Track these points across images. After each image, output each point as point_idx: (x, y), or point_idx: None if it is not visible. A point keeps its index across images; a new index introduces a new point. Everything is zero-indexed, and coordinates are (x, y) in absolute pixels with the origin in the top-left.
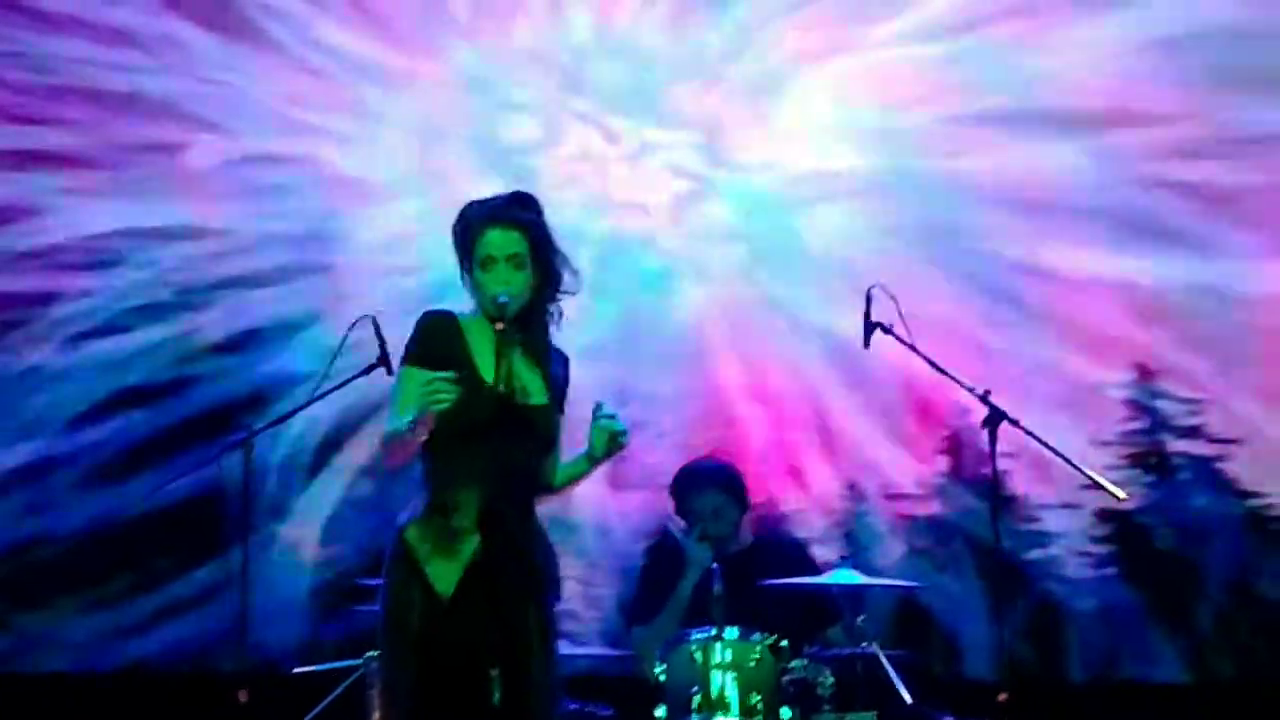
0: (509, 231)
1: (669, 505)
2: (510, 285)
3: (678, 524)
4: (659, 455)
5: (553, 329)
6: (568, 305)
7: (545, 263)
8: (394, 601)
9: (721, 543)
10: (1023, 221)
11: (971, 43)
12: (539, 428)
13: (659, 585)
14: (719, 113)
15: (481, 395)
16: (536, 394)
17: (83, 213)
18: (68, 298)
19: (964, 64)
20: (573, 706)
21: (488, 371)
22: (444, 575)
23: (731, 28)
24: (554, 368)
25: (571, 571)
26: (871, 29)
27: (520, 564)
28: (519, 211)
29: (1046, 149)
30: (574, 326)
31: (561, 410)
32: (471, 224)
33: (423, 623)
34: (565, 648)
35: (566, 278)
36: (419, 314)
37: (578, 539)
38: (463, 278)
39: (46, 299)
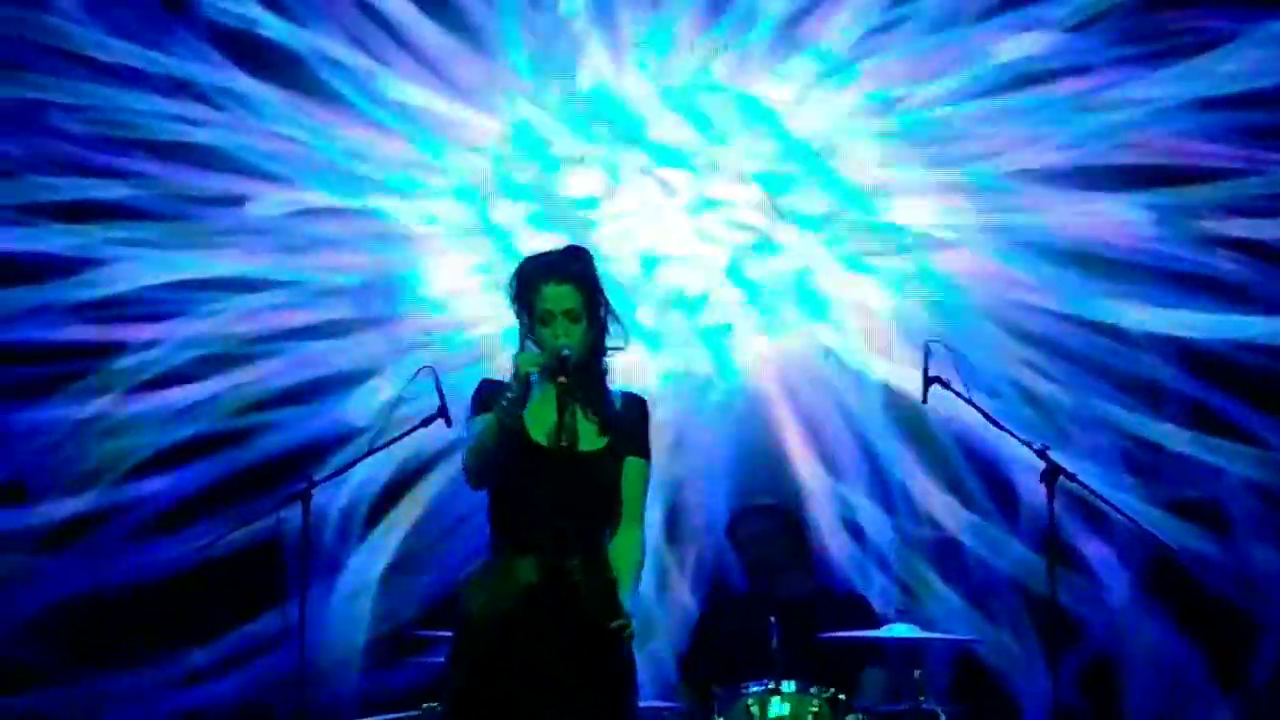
0: (563, 286)
1: (726, 555)
2: (569, 338)
3: None
4: (715, 507)
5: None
6: (626, 356)
7: (599, 313)
8: (451, 656)
9: (771, 570)
10: (1080, 276)
11: (1029, 99)
12: (593, 474)
13: (715, 639)
14: (778, 167)
15: (531, 454)
16: (588, 440)
17: (143, 264)
18: (128, 348)
19: (1021, 120)
20: None
21: (537, 431)
22: (489, 628)
23: (789, 83)
24: (619, 410)
25: None
26: (929, 85)
27: (581, 613)
28: (572, 265)
29: (1104, 204)
30: (632, 377)
31: (637, 453)
32: (527, 280)
33: (471, 674)
34: None
35: (613, 331)
36: (479, 365)
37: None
38: (521, 335)
39: (107, 349)
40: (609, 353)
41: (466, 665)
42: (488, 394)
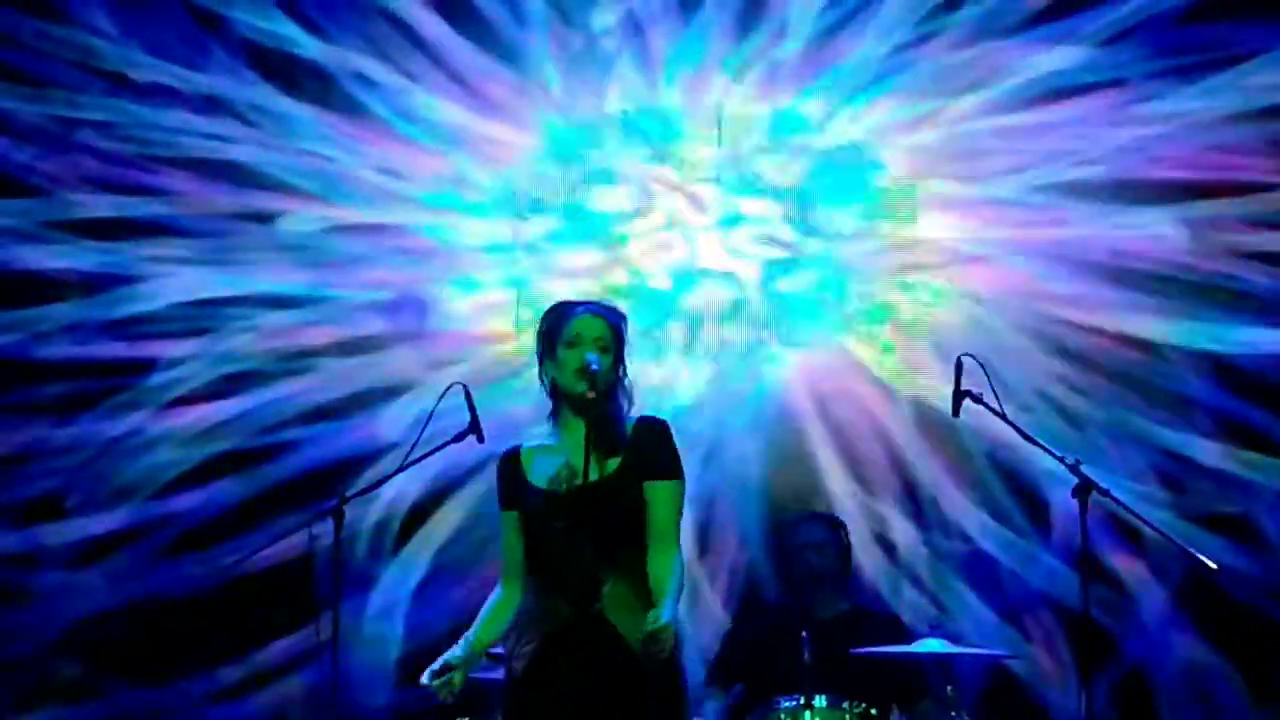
0: (597, 319)
1: (758, 569)
2: (598, 359)
3: None
4: (747, 521)
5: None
6: (659, 371)
7: (620, 363)
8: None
9: (823, 582)
10: (1112, 290)
11: (1060, 113)
12: (600, 496)
13: (743, 649)
14: (807, 182)
15: (541, 504)
16: (594, 470)
17: (175, 281)
18: (161, 365)
19: (1053, 134)
20: None
21: (536, 477)
22: (521, 659)
23: (820, 97)
24: (632, 436)
25: None
26: (959, 100)
27: (617, 637)
28: (608, 310)
29: (1136, 218)
30: (664, 392)
31: (661, 476)
32: (561, 312)
33: (506, 707)
34: None
35: (621, 398)
36: (509, 381)
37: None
38: (542, 369)
39: (141, 366)
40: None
41: (503, 703)
42: (498, 478)
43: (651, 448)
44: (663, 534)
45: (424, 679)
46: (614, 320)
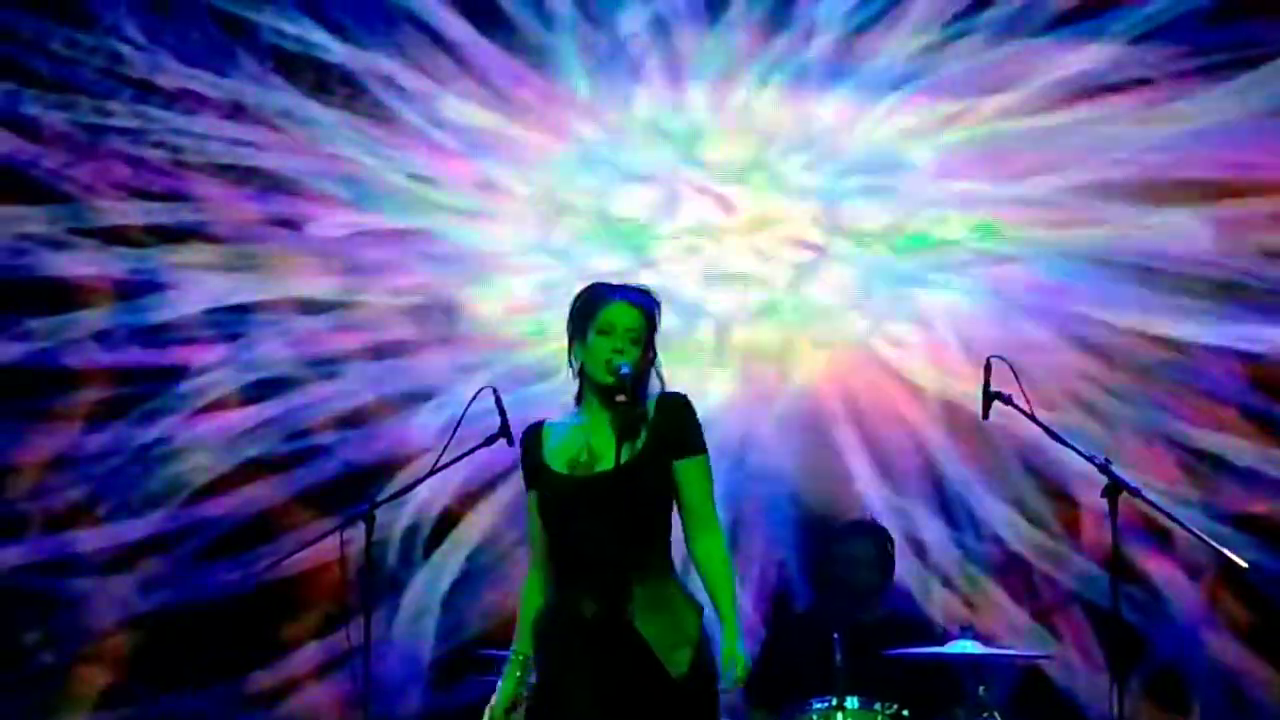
0: (631, 308)
1: (789, 570)
2: (628, 356)
3: None
4: (777, 522)
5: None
6: (688, 372)
7: (650, 354)
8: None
9: (865, 595)
10: (1141, 290)
11: (1089, 113)
12: (626, 482)
13: (780, 658)
14: (834, 184)
15: (556, 488)
16: (607, 460)
17: (206, 287)
18: (192, 371)
19: (1081, 133)
20: None
21: (559, 463)
22: (541, 663)
23: (848, 98)
24: (657, 420)
25: None
26: (988, 99)
27: (637, 642)
28: (643, 297)
29: (1164, 217)
30: (693, 394)
31: (688, 452)
32: (597, 296)
33: (533, 708)
34: None
35: (652, 382)
36: (539, 385)
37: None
38: (571, 350)
39: (171, 372)
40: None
41: (531, 704)
42: (521, 452)
43: (676, 425)
44: (702, 515)
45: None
46: (649, 308)
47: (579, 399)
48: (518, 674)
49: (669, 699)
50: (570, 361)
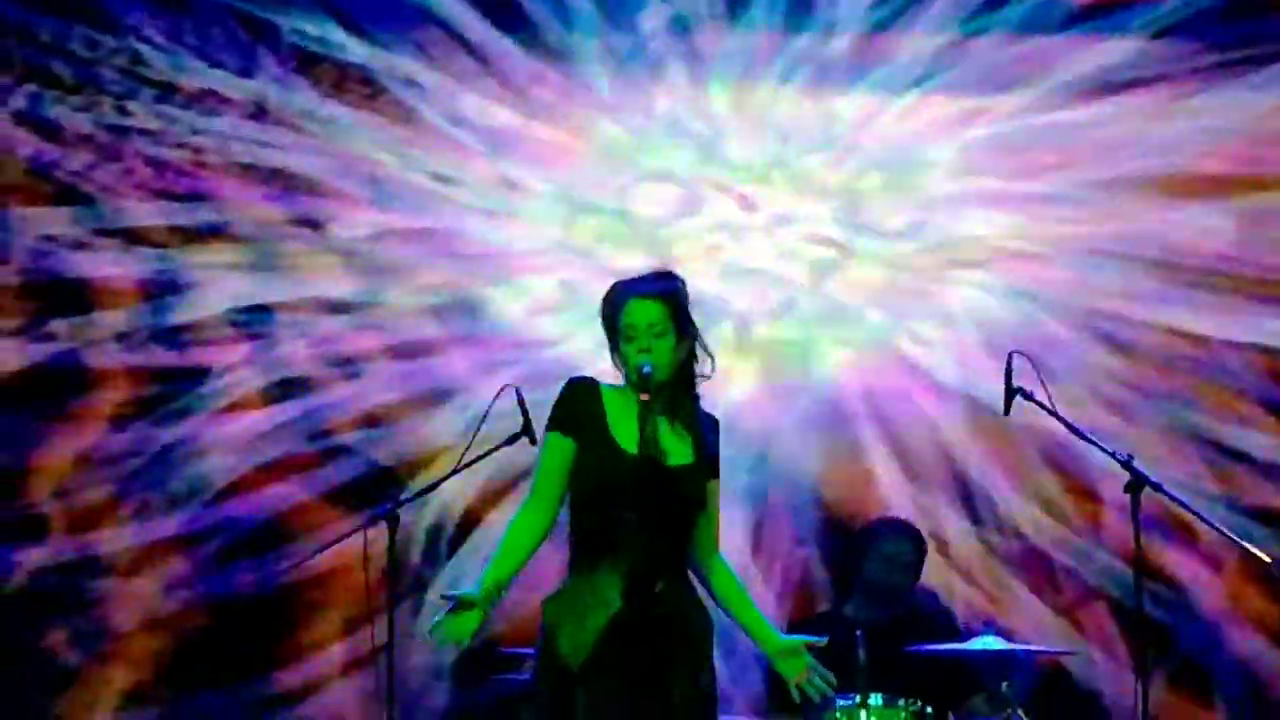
0: (647, 301)
1: (811, 568)
2: (652, 355)
3: None
4: (800, 521)
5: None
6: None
7: (686, 331)
8: (536, 674)
9: (898, 596)
10: (1162, 285)
11: (1109, 108)
12: (681, 489)
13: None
14: (855, 181)
15: (619, 462)
16: (678, 455)
17: (228, 287)
18: (214, 371)
19: (1101, 129)
20: None
21: (627, 440)
22: (575, 647)
23: (868, 95)
24: (705, 432)
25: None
26: (1008, 96)
27: (666, 635)
28: (657, 283)
29: (1185, 213)
30: (715, 393)
31: (715, 475)
32: (614, 300)
33: (557, 695)
34: None
35: (701, 356)
36: (561, 384)
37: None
38: (613, 358)
39: (193, 373)
40: (697, 379)
41: (553, 692)
42: (572, 396)
43: (716, 445)
44: (714, 531)
45: (433, 625)
46: (668, 294)
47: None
48: (477, 593)
49: (694, 704)
50: (615, 365)
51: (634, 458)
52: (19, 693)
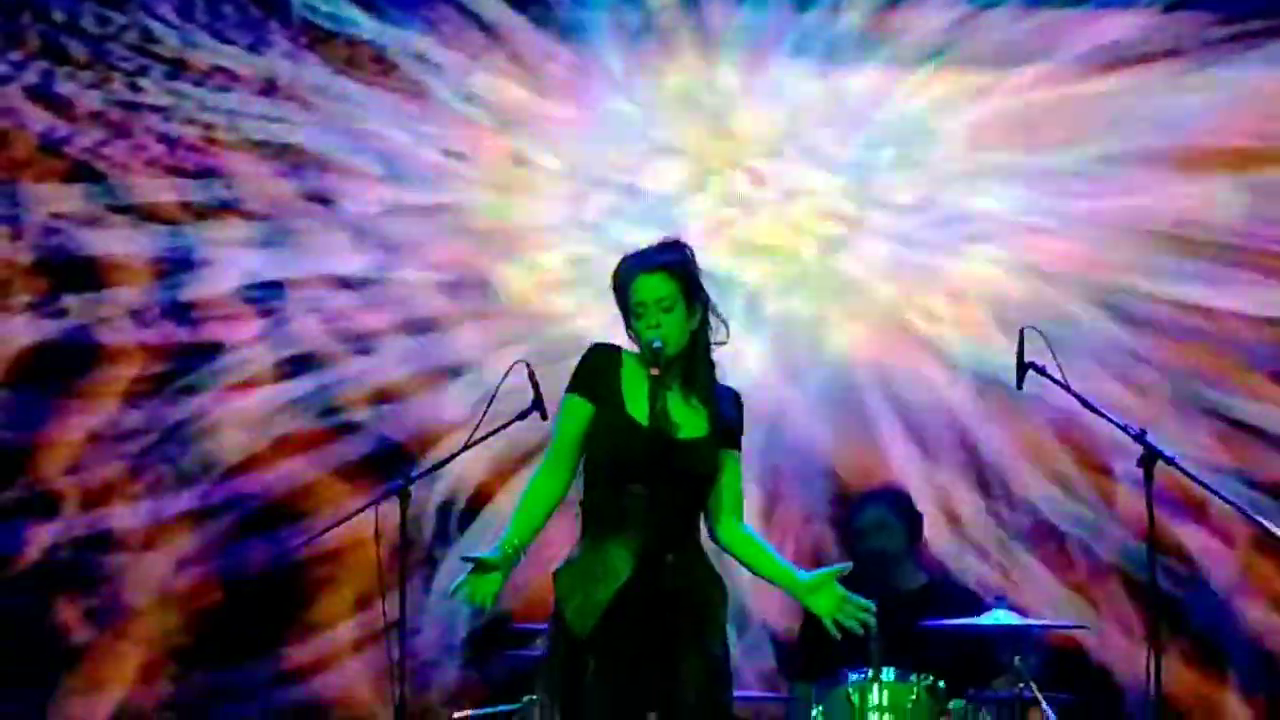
0: (654, 275)
1: (823, 542)
2: (662, 329)
3: None
4: (812, 496)
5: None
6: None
7: (696, 302)
8: (547, 643)
9: (885, 561)
10: (1175, 259)
11: (1121, 82)
12: (691, 462)
13: (814, 632)
14: (866, 156)
15: (630, 434)
16: (690, 428)
17: (240, 263)
18: (226, 347)
19: (1113, 103)
20: None
21: (640, 412)
22: (583, 618)
23: (879, 70)
24: (723, 406)
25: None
26: (1020, 70)
27: (674, 607)
28: (663, 255)
29: (1198, 187)
30: (725, 368)
31: (737, 446)
32: (623, 275)
33: (566, 665)
34: None
35: (714, 323)
36: (572, 359)
37: (733, 579)
38: (628, 333)
39: (206, 349)
40: (712, 347)
41: (563, 662)
42: (593, 362)
43: (737, 419)
44: (736, 503)
45: (455, 586)
46: (674, 265)
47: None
48: (497, 555)
49: (705, 673)
50: (630, 339)
51: (645, 430)
52: (31, 668)
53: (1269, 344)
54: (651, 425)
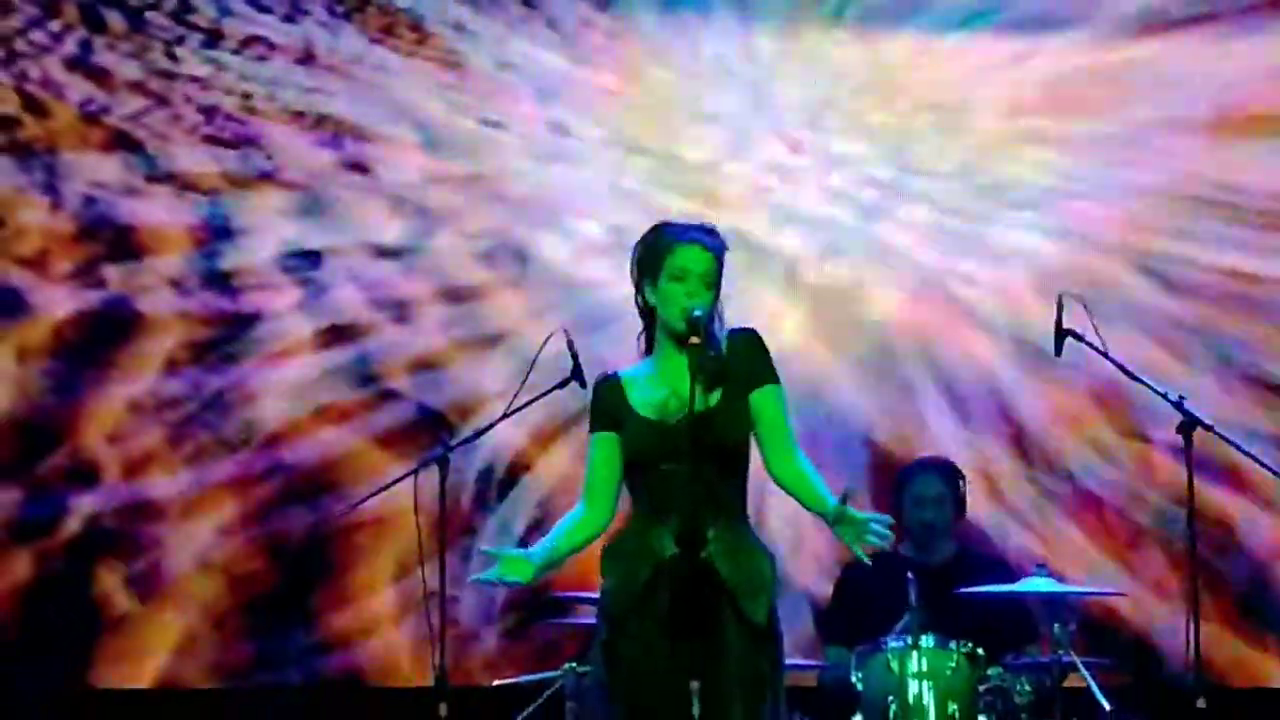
0: (704, 251)
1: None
2: (701, 300)
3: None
4: (851, 461)
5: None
6: (760, 313)
7: (718, 296)
8: (597, 627)
9: (935, 534)
10: (1214, 224)
11: (1159, 46)
12: (711, 428)
13: (854, 599)
14: (905, 123)
15: (647, 435)
16: (702, 400)
17: (279, 232)
18: (265, 316)
19: (1153, 69)
20: None
21: (645, 409)
22: (623, 594)
23: (918, 36)
24: (733, 362)
25: None
26: (1056, 35)
27: (716, 582)
28: (712, 237)
29: (1235, 152)
30: (766, 335)
31: (767, 381)
32: (667, 239)
33: (608, 640)
34: None
35: (718, 324)
36: (610, 327)
37: (770, 546)
38: (642, 293)
39: (245, 318)
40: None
41: (607, 641)
42: (598, 397)
43: (749, 358)
44: (785, 437)
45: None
46: (719, 251)
47: (649, 345)
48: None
49: (748, 643)
50: (638, 303)
51: (662, 423)
52: (73, 637)
53: None
54: (689, 410)
